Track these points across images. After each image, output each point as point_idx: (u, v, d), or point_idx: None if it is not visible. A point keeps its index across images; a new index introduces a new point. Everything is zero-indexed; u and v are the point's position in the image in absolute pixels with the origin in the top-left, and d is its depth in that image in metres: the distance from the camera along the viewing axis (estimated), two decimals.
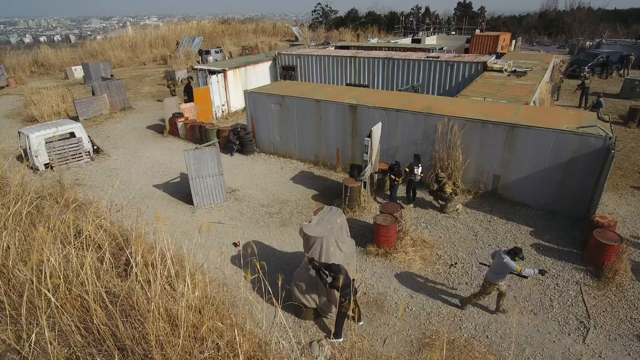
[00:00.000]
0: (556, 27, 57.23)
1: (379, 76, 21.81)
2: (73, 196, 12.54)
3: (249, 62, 23.71)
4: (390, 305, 8.44)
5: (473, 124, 11.90)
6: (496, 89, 15.36)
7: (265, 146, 16.75)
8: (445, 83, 20.05)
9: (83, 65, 32.32)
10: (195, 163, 12.17)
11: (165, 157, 16.82)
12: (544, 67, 19.38)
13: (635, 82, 21.97)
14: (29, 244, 7.96)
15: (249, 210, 12.46)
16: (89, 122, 21.41)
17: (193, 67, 23.09)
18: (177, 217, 12.19)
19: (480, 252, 10.04)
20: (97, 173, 15.51)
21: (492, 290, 7.81)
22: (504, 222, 11.34)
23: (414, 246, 10.28)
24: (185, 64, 36.85)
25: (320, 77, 23.77)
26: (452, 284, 9.03)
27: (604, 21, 57.21)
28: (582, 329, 7.75)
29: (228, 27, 56.65)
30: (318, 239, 7.45)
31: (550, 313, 8.12)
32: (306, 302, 7.70)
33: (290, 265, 9.66)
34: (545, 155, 11.14)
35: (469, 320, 7.98)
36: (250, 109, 16.40)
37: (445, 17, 68.51)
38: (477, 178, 12.48)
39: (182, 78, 30.76)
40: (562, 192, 11.27)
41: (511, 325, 7.80)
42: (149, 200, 13.24)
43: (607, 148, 10.23)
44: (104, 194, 13.74)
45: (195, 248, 10.31)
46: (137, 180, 14.71)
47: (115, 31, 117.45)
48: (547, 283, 8.95)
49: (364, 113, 13.69)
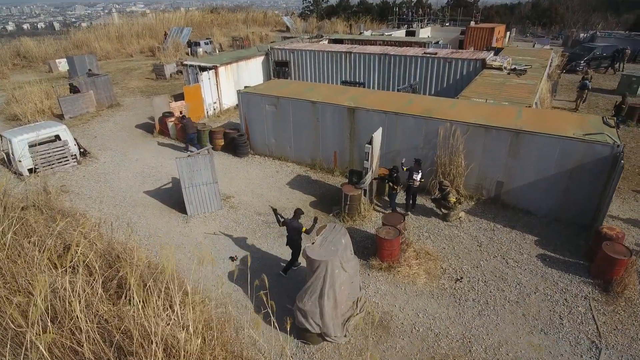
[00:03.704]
0: (549, 17, 56.91)
1: (374, 73, 21.29)
2: (59, 206, 12.02)
3: (241, 57, 22.98)
4: (396, 325, 8.13)
5: (476, 129, 11.54)
6: (497, 90, 14.98)
7: (259, 148, 16.23)
8: (443, 80, 19.63)
9: (68, 58, 31.13)
10: (189, 171, 11.65)
11: (155, 160, 16.22)
12: (542, 64, 19.03)
13: (633, 79, 21.77)
14: (14, 269, 7.43)
15: (245, 219, 12.01)
16: (74, 121, 20.64)
17: (183, 62, 22.30)
18: (170, 228, 11.70)
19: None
20: (84, 178, 14.88)
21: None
22: (508, 231, 11.07)
23: (418, 258, 9.96)
24: (174, 56, 35.89)
25: (315, 74, 23.17)
26: (458, 300, 8.74)
27: (596, 10, 57.03)
28: (594, 349, 7.53)
29: (217, 17, 55.31)
30: (323, 262, 7.07)
31: (561, 332, 7.89)
32: (310, 327, 7.35)
33: (292, 281, 9.28)
34: (550, 162, 10.84)
35: (478, 342, 7.70)
36: (244, 109, 15.83)
37: (438, 7, 67.79)
38: (479, 184, 12.17)
39: (172, 72, 29.89)
40: (567, 200, 11.01)
41: (522, 347, 7.56)
42: (140, 209, 12.72)
43: (614, 156, 9.96)
44: (93, 202, 13.20)
45: (190, 263, 9.97)
46: (127, 186, 14.14)
47: (101, 18, 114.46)
48: (555, 298, 8.71)
49: (363, 116, 13.24)
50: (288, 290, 8.79)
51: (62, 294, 6.53)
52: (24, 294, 6.83)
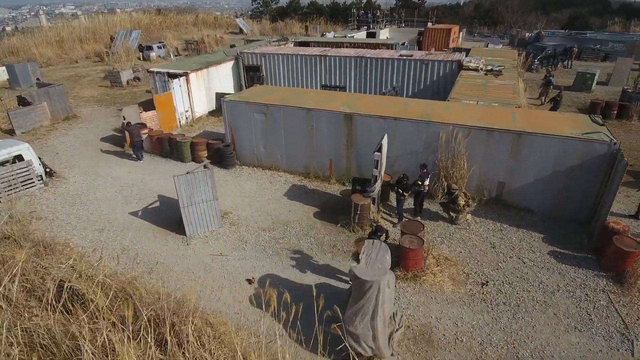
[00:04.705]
0: (491, 18, 60.11)
1: (351, 76, 21.17)
2: (40, 237, 10.71)
3: (210, 62, 21.94)
4: (438, 337, 8.00)
5: (478, 132, 11.73)
6: (482, 91, 15.41)
7: (247, 158, 15.53)
8: (420, 82, 19.93)
9: (7, 66, 28.27)
10: (188, 189, 10.83)
11: (134, 177, 15.01)
12: (513, 64, 19.91)
13: (587, 75, 23.40)
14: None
15: (251, 236, 11.38)
16: (28, 136, 18.68)
17: (148, 70, 20.90)
18: (171, 252, 10.82)
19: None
20: (56, 202, 13.43)
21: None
22: (514, 230, 11.35)
23: (439, 265, 9.92)
24: (128, 62, 33.77)
25: (289, 78, 22.64)
26: (490, 305, 8.78)
27: (533, 10, 61.03)
28: (626, 342, 7.83)
29: (165, 19, 52.82)
30: (375, 282, 6.76)
31: (593, 328, 8.14)
32: (362, 351, 7.01)
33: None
34: (550, 161, 11.23)
35: (522, 346, 7.75)
36: (229, 118, 15.06)
37: (387, 8, 69.32)
38: (480, 185, 12.39)
39: (129, 79, 28.04)
40: (566, 198, 11.46)
41: (564, 347, 7.70)
42: (129, 233, 11.65)
43: (611, 153, 10.50)
44: (73, 229, 11.93)
45: (204, 289, 9.26)
46: (109, 209, 12.94)
47: (28, 21, 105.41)
48: (578, 294, 9.00)
49: (361, 122, 13.04)
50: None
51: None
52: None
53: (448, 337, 8.01)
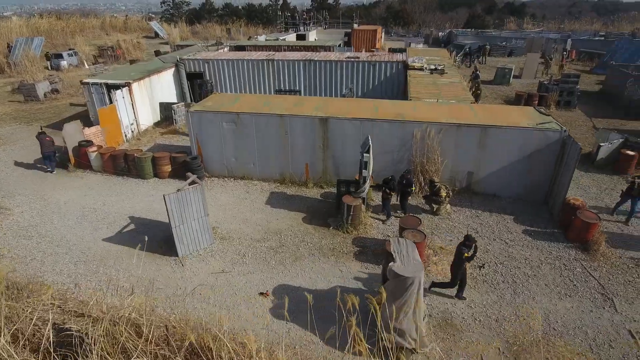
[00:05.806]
0: (402, 18, 64.09)
1: (300, 79, 21.36)
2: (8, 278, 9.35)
3: (150, 70, 20.62)
4: (459, 321, 8.63)
5: (449, 128, 12.70)
6: (436, 89, 16.60)
7: (216, 169, 14.99)
8: (369, 82, 20.78)
9: None
10: (179, 207, 10.25)
11: (93, 200, 13.67)
12: (449, 62, 21.65)
13: (506, 70, 26.29)
14: None
15: (248, 249, 11.10)
16: None
17: (82, 81, 18.97)
18: (167, 275, 10.16)
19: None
20: (6, 237, 11.77)
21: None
22: (488, 215, 12.53)
23: (436, 255, 10.64)
24: (40, 73, 30.25)
25: (236, 84, 22.12)
26: (491, 285, 9.67)
27: (437, 10, 66.25)
28: (607, 300, 9.17)
29: (69, 23, 47.97)
30: (416, 278, 7.13)
31: (579, 293, 9.39)
32: (407, 345, 7.36)
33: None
34: (512, 150, 12.58)
35: (530, 317, 8.68)
36: (195, 130, 14.40)
37: (303, 8, 70.33)
38: (452, 177, 13.42)
39: (46, 91, 25.16)
40: (526, 182, 12.93)
41: (563, 312, 8.80)
42: (112, 261, 10.70)
43: (563, 140, 12.09)
44: (40, 264, 10.62)
45: (221, 310, 8.91)
46: (77, 238, 11.69)
47: None
48: (558, 265, 10.29)
49: (337, 125, 13.35)
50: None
51: None
52: None
53: (467, 319, 8.69)
